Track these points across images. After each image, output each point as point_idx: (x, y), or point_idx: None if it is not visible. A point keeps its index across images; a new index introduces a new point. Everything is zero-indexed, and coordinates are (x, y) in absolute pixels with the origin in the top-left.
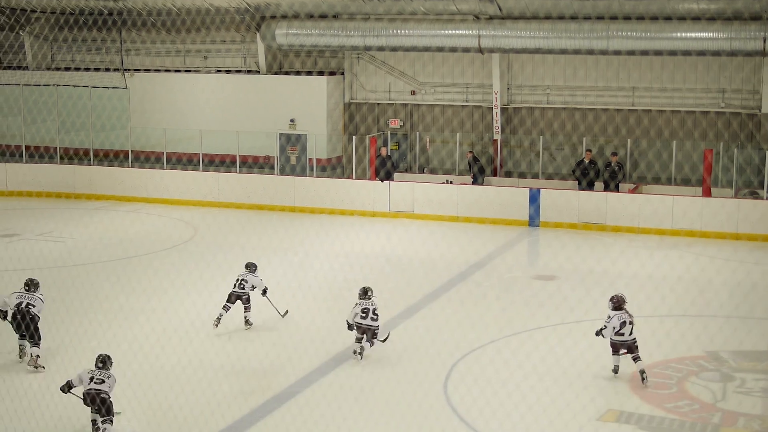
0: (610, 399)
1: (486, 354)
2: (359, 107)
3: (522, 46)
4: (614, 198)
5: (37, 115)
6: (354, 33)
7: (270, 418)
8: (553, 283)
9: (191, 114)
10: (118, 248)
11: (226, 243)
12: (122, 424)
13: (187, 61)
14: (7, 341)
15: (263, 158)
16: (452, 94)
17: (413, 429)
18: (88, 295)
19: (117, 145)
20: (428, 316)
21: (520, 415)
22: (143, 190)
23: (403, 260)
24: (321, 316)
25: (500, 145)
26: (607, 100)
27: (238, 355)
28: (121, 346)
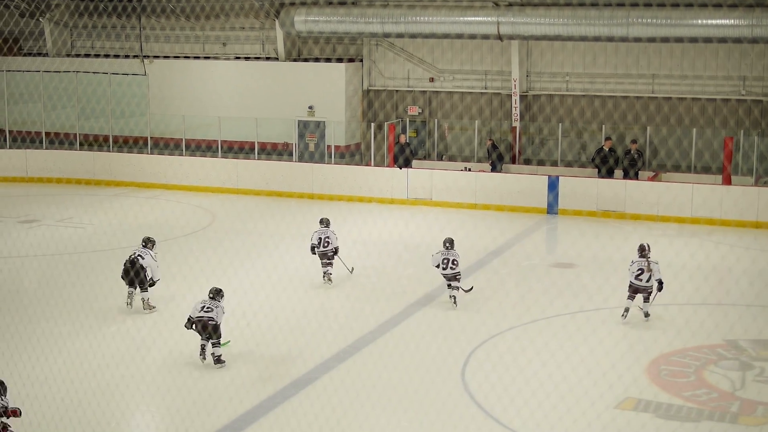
0: (628, 387)
1: (504, 341)
2: (378, 94)
3: (541, 33)
4: (634, 186)
5: (57, 102)
6: (373, 20)
7: (288, 404)
8: (571, 271)
9: (210, 101)
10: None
11: (244, 229)
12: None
13: (206, 48)
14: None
15: (282, 145)
16: (471, 81)
17: (431, 416)
18: (108, 281)
19: (136, 131)
20: (446, 304)
21: (537, 402)
22: (162, 177)
23: (421, 247)
24: (339, 302)
25: (519, 132)
26: (627, 88)
27: (257, 341)
28: (140, 332)
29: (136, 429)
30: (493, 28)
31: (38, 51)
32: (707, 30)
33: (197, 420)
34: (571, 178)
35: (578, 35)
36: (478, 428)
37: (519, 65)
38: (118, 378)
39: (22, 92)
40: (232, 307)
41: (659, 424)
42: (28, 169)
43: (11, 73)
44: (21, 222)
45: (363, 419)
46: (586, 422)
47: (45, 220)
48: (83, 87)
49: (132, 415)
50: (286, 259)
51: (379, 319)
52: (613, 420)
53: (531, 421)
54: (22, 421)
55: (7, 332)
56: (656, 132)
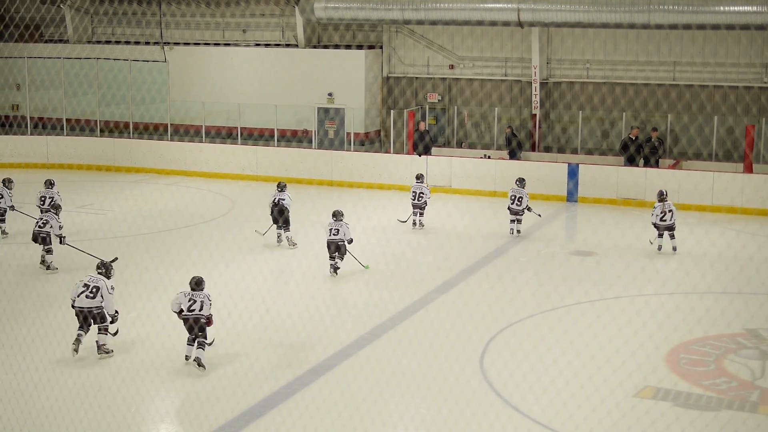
0: (647, 375)
1: (523, 329)
2: (397, 81)
3: (562, 19)
4: (654, 174)
5: (78, 89)
6: (393, 6)
7: (307, 390)
8: (591, 259)
9: (230, 87)
10: (157, 221)
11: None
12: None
13: (226, 35)
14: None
15: (301, 132)
16: (491, 69)
17: (449, 403)
18: (128, 267)
19: (156, 118)
20: (465, 291)
21: (556, 390)
22: (182, 163)
23: (441, 235)
24: (358, 289)
25: (539, 120)
26: (648, 75)
27: (276, 327)
28: (160, 318)
29: (155, 414)
30: (514, 14)
31: (59, 38)
32: (729, 17)
33: (216, 406)
34: (592, 165)
35: (599, 22)
36: (496, 416)
37: (539, 52)
38: (138, 363)
39: (44, 79)
40: (252, 294)
41: (679, 413)
42: (49, 156)
43: (33, 59)
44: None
45: (381, 406)
46: (606, 411)
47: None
48: (104, 74)
49: (152, 401)
50: (305, 246)
51: (397, 307)
52: (633, 408)
53: (550, 409)
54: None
55: (28, 317)
56: (677, 120)
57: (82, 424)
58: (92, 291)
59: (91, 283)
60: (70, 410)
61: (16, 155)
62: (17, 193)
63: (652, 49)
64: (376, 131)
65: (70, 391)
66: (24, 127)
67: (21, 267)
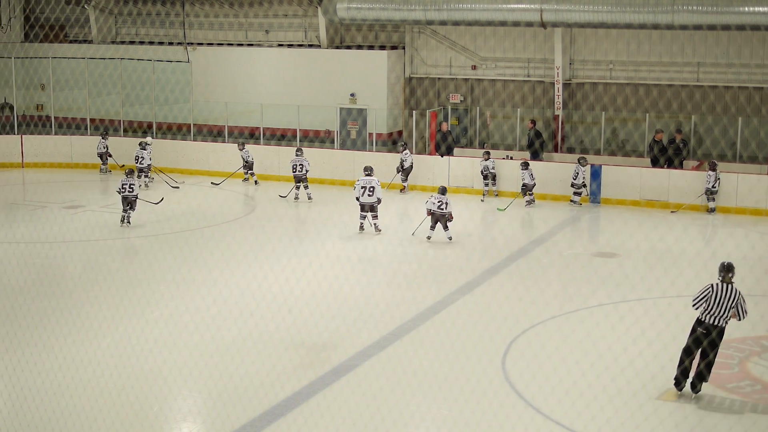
0: (670, 378)
1: (546, 330)
2: (420, 82)
3: (585, 20)
4: (678, 175)
5: (102, 89)
6: (416, 7)
7: (329, 390)
8: (614, 261)
9: (252, 88)
10: (180, 221)
11: (286, 216)
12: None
13: (249, 35)
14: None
15: (324, 132)
16: (514, 69)
17: (471, 404)
18: (151, 266)
19: (180, 118)
20: (488, 292)
21: (579, 392)
22: (205, 163)
23: (463, 235)
24: (380, 289)
25: (562, 120)
26: (672, 76)
27: (298, 327)
28: (183, 317)
29: (178, 414)
30: (537, 15)
31: (84, 38)
32: (754, 17)
33: (238, 405)
34: (615, 167)
35: (623, 22)
36: (518, 417)
37: (562, 53)
38: (161, 362)
39: (68, 79)
40: (274, 294)
41: (702, 416)
42: (73, 155)
43: (57, 60)
44: (66, 207)
45: (403, 406)
46: (628, 413)
47: (89, 205)
48: (127, 74)
49: (174, 400)
50: (327, 246)
51: (419, 307)
52: (655, 411)
53: (572, 411)
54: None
55: (52, 316)
56: (701, 121)
57: (105, 423)
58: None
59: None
60: (93, 409)
61: (41, 155)
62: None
63: (676, 50)
64: (398, 132)
65: (93, 391)
66: (48, 126)
67: (44, 266)
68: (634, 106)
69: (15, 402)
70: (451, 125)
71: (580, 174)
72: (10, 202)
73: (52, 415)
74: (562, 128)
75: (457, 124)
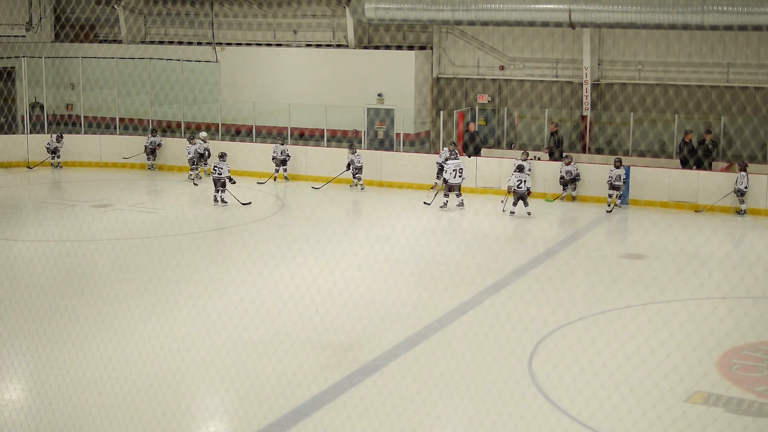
0: (699, 380)
1: (573, 332)
2: (448, 82)
3: (615, 20)
4: (707, 176)
5: (131, 88)
6: (444, 7)
7: (355, 390)
8: (642, 262)
9: (280, 88)
10: (208, 220)
11: (313, 216)
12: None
13: (277, 35)
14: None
15: (351, 132)
16: (542, 70)
17: (498, 405)
18: (179, 265)
19: (208, 118)
20: (515, 293)
21: (606, 394)
22: (232, 163)
23: (490, 236)
24: (407, 290)
25: (590, 121)
26: (702, 77)
27: (325, 327)
28: (210, 316)
29: (204, 412)
30: (565, 15)
31: (113, 38)
32: None
33: (265, 404)
34: (643, 168)
35: (653, 23)
36: (545, 419)
37: (591, 53)
38: (189, 361)
39: (98, 78)
40: (301, 293)
41: (731, 419)
42: (101, 154)
43: (87, 59)
44: (95, 206)
45: (429, 407)
46: (656, 415)
47: (118, 204)
48: (156, 74)
49: (201, 399)
50: (354, 246)
51: (447, 307)
52: (684, 414)
53: (599, 414)
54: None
55: (81, 314)
56: (731, 122)
57: (133, 420)
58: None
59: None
60: (121, 407)
61: (71, 154)
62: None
63: (706, 51)
64: (425, 132)
65: (121, 388)
66: (78, 126)
67: (73, 265)
68: (663, 107)
69: (44, 398)
70: (478, 126)
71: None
72: (40, 201)
73: (80, 412)
74: (591, 129)
75: (484, 125)
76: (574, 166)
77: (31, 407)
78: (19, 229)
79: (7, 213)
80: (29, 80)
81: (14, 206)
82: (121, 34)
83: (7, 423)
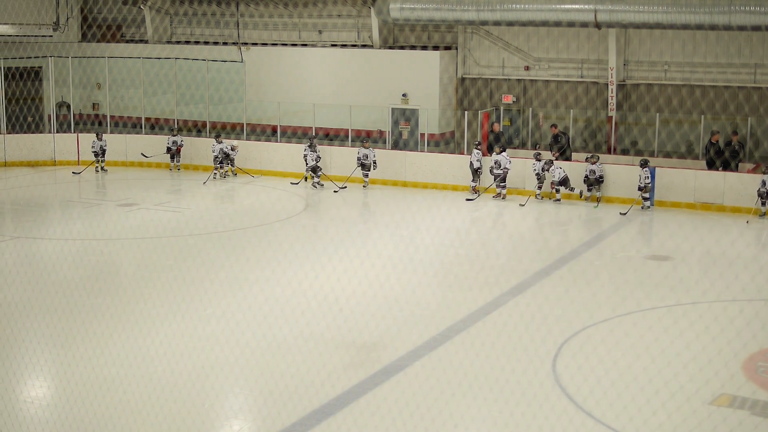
0: (725, 383)
1: (597, 333)
2: (473, 82)
3: (641, 20)
4: (734, 178)
5: (157, 88)
6: (469, 7)
7: (379, 390)
8: (668, 264)
9: (305, 88)
10: (233, 219)
11: (338, 216)
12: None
13: (303, 35)
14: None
15: (376, 132)
16: (568, 70)
17: (521, 407)
18: (204, 264)
19: (233, 117)
20: (539, 294)
21: (631, 396)
22: (257, 163)
23: (515, 237)
24: (431, 290)
25: (615, 122)
26: (729, 77)
27: (349, 327)
28: (235, 315)
29: (228, 411)
30: (591, 15)
31: (140, 38)
32: None
33: (289, 404)
34: (669, 169)
35: (679, 23)
36: (569, 421)
37: (617, 54)
38: (213, 360)
39: (124, 78)
40: (325, 293)
41: (757, 422)
42: (127, 154)
43: (113, 59)
44: (120, 205)
45: (453, 408)
46: (681, 418)
47: (144, 203)
48: (182, 73)
49: (225, 397)
50: (378, 246)
51: (470, 308)
52: (709, 416)
53: (624, 416)
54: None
55: (106, 312)
56: (758, 123)
57: (158, 418)
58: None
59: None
60: (146, 405)
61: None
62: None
63: (733, 51)
64: (450, 132)
65: (146, 386)
66: (104, 125)
67: (99, 263)
68: (689, 108)
69: (69, 396)
70: (503, 126)
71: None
72: (66, 200)
73: (105, 409)
74: (616, 130)
75: (509, 125)
76: (599, 165)
77: (57, 405)
78: (45, 227)
79: (34, 212)
80: (56, 80)
81: (40, 205)
82: (147, 34)
83: (33, 420)
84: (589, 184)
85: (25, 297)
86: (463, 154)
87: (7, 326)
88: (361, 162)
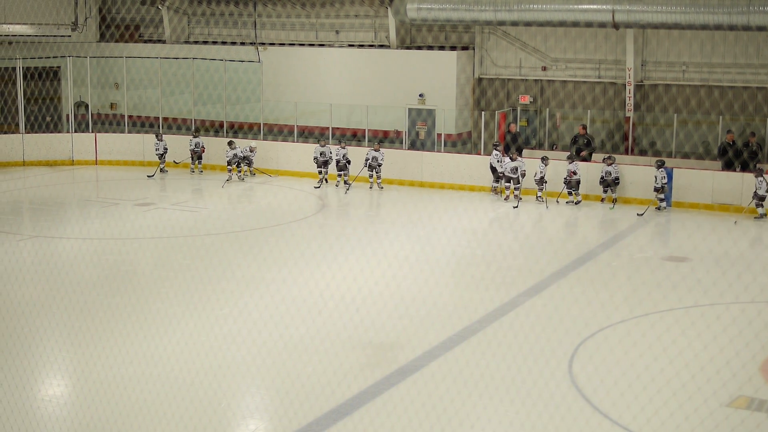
0: (742, 385)
1: (615, 334)
2: (490, 83)
3: (659, 21)
4: (752, 179)
5: (174, 88)
6: (487, 8)
7: (395, 390)
8: (686, 265)
9: (322, 88)
10: (250, 219)
11: (355, 216)
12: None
13: (320, 36)
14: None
15: (393, 132)
16: (585, 71)
17: (538, 407)
18: (221, 264)
19: (251, 117)
20: (556, 295)
21: (648, 398)
22: (274, 163)
23: (531, 238)
24: (448, 290)
25: (633, 122)
26: (748, 78)
27: (365, 327)
28: (252, 315)
29: (245, 410)
30: (609, 16)
31: (157, 38)
32: None
33: (306, 403)
34: (687, 170)
35: (698, 23)
36: (586, 422)
37: (634, 54)
38: (230, 359)
39: (141, 78)
40: (342, 293)
41: None
42: (144, 154)
43: (131, 59)
44: (137, 205)
45: (469, 408)
46: (698, 420)
47: (161, 203)
48: (200, 73)
49: (242, 397)
50: (395, 246)
51: (487, 309)
52: (726, 418)
53: (641, 417)
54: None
55: (124, 311)
56: None
57: (174, 417)
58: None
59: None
60: (163, 404)
61: (114, 152)
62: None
63: (752, 52)
64: (467, 132)
65: (163, 385)
66: (122, 125)
67: (116, 263)
68: (708, 109)
69: (86, 395)
70: (520, 126)
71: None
72: (84, 199)
73: (122, 408)
74: (634, 130)
75: (526, 126)
76: (614, 167)
77: (74, 403)
78: (63, 226)
79: (52, 211)
80: (74, 80)
81: (58, 204)
82: (165, 34)
83: (51, 418)
84: (605, 186)
85: (43, 296)
86: (480, 155)
87: (25, 325)
88: (369, 164)
